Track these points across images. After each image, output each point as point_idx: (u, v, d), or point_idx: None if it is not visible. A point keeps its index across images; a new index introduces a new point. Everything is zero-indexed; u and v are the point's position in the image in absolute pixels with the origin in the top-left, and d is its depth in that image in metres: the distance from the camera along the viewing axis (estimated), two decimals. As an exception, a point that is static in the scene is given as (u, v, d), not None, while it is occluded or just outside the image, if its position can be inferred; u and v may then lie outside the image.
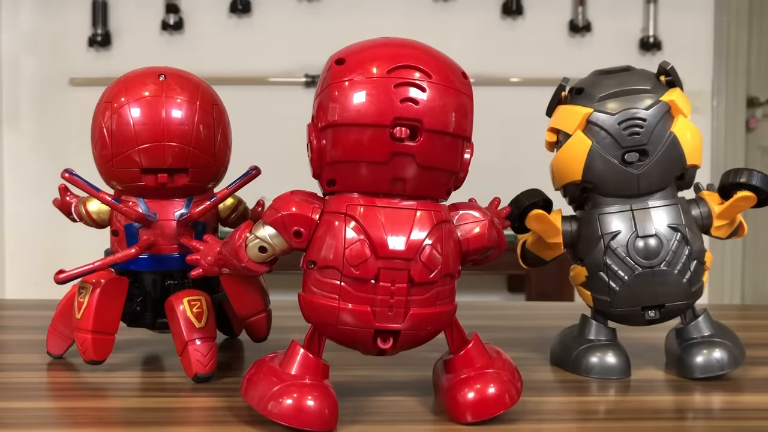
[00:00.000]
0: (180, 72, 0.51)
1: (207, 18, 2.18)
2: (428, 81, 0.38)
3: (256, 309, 0.54)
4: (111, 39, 2.18)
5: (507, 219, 0.49)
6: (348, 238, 0.38)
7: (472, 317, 0.65)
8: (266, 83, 2.17)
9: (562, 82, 0.52)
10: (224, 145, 0.52)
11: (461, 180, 0.41)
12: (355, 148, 0.38)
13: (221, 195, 0.51)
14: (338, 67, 0.38)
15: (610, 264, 0.49)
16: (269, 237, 0.41)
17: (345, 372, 0.48)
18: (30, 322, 0.66)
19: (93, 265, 0.49)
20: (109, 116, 0.49)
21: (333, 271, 0.39)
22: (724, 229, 0.51)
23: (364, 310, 0.38)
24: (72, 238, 1.35)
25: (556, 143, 0.51)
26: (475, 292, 2.14)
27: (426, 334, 0.41)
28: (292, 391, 0.38)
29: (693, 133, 0.49)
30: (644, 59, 2.17)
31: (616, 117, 0.48)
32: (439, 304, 0.40)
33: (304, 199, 0.40)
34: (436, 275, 0.39)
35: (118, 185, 0.51)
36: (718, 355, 0.49)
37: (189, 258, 0.46)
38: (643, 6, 2.21)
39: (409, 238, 0.38)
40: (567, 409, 0.45)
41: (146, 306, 0.52)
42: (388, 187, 0.39)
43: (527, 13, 2.20)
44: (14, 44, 2.23)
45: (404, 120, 0.37)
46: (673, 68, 0.49)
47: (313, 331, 0.41)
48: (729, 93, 2.27)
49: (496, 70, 2.15)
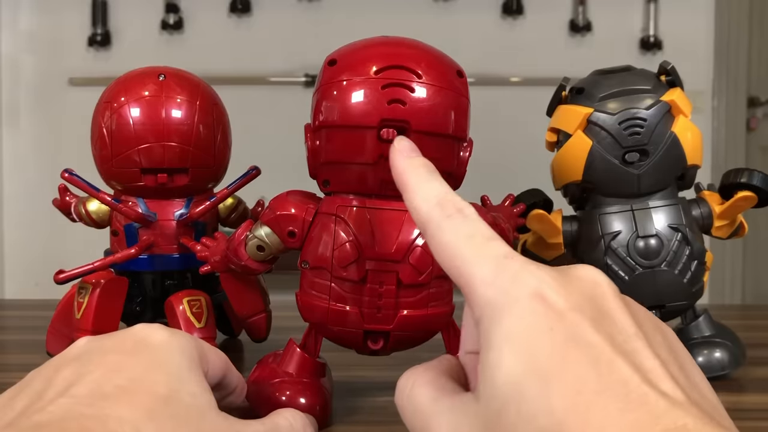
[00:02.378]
0: (180, 72, 0.51)
1: (207, 18, 2.18)
2: (417, 81, 0.37)
3: (256, 309, 0.54)
4: (111, 39, 2.18)
5: None
6: (337, 239, 0.38)
7: (472, 317, 0.65)
8: (266, 83, 2.17)
9: (563, 82, 0.52)
10: (224, 145, 0.52)
11: (459, 180, 0.41)
12: (345, 149, 0.38)
13: (221, 195, 0.51)
14: (330, 68, 0.39)
15: (611, 264, 0.49)
16: (266, 236, 0.41)
17: (344, 372, 0.48)
18: (30, 322, 0.66)
19: (93, 265, 0.48)
20: (108, 116, 0.49)
21: (323, 272, 0.39)
22: (724, 230, 0.51)
23: (352, 311, 0.39)
24: (72, 238, 1.35)
25: (557, 143, 0.51)
26: (475, 292, 2.14)
27: (420, 336, 0.40)
28: (285, 389, 0.39)
29: (693, 133, 0.48)
30: (644, 59, 2.16)
31: (617, 117, 0.48)
32: (432, 305, 0.40)
33: (300, 199, 0.40)
34: (426, 277, 0.38)
35: (118, 185, 0.51)
36: (718, 355, 0.48)
37: (199, 254, 0.47)
38: (644, 6, 2.21)
39: (397, 240, 0.38)
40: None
41: (146, 306, 0.52)
42: (379, 188, 0.38)
43: (527, 13, 2.20)
44: (14, 44, 2.23)
45: (392, 121, 0.37)
46: (673, 68, 0.49)
47: (309, 330, 0.41)
48: (729, 93, 2.27)
49: (496, 70, 2.15)
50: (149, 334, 0.30)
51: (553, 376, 0.21)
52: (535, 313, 0.22)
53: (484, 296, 0.24)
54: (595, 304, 0.24)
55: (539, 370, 0.21)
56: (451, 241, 0.25)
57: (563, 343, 0.22)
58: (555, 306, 0.23)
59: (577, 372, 0.21)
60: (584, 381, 0.21)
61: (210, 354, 0.33)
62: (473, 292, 0.24)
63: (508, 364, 0.22)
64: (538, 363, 0.21)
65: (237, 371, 0.36)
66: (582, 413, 0.20)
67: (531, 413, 0.21)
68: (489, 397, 0.22)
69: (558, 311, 0.22)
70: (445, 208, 0.26)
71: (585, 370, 0.21)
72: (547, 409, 0.21)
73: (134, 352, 0.29)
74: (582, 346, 0.22)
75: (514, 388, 0.22)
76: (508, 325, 0.23)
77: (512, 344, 0.22)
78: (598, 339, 0.22)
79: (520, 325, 0.22)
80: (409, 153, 0.29)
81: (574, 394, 0.21)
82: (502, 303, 0.23)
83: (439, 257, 0.26)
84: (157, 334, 0.30)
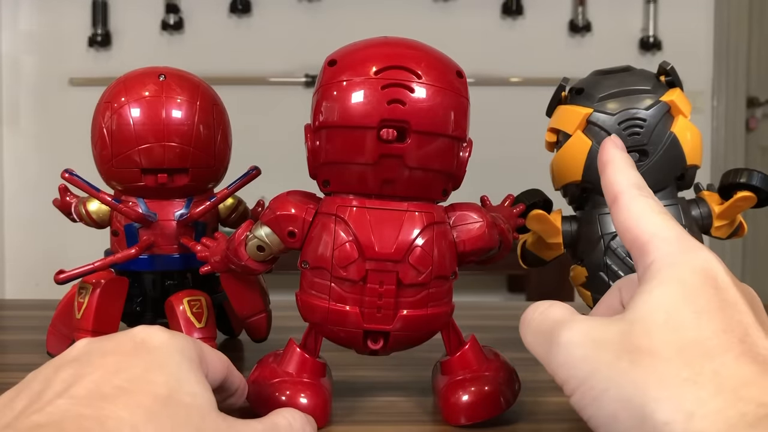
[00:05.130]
0: (180, 72, 0.51)
1: (207, 18, 2.18)
2: (417, 82, 0.37)
3: (256, 309, 0.54)
4: (111, 39, 2.18)
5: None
6: (337, 239, 0.38)
7: (471, 317, 0.65)
8: (266, 83, 2.17)
9: (562, 82, 0.52)
10: (224, 145, 0.52)
11: (459, 180, 0.41)
12: (344, 150, 0.38)
13: (221, 195, 0.51)
14: (330, 69, 0.39)
15: (611, 264, 0.49)
16: (266, 236, 0.41)
17: (344, 372, 0.48)
18: (30, 322, 0.66)
19: (93, 265, 0.49)
20: (109, 116, 0.49)
21: (323, 272, 0.39)
22: (724, 230, 0.51)
23: (352, 311, 0.39)
24: (72, 238, 1.35)
25: (556, 143, 0.51)
26: (475, 292, 2.14)
27: (419, 336, 0.41)
28: (285, 389, 0.39)
29: (693, 133, 0.49)
30: (644, 59, 2.17)
31: (616, 117, 0.48)
32: (431, 305, 0.40)
33: (300, 199, 0.41)
34: (426, 277, 0.38)
35: (118, 185, 0.51)
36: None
37: (199, 255, 0.47)
38: (643, 6, 2.22)
39: (397, 240, 0.38)
40: (566, 409, 0.44)
41: (146, 306, 0.52)
42: (379, 188, 0.39)
43: (527, 13, 2.20)
44: (14, 44, 2.23)
45: (391, 121, 0.37)
46: (673, 68, 0.49)
47: (309, 330, 0.41)
48: (729, 93, 2.27)
49: (496, 70, 2.15)
50: (149, 336, 0.30)
51: (706, 314, 0.26)
52: (705, 272, 0.28)
53: (666, 250, 0.29)
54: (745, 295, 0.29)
55: (697, 307, 0.26)
56: (642, 210, 0.31)
57: (720, 301, 0.27)
58: (721, 275, 0.28)
59: (725, 322, 0.26)
60: (731, 328, 0.26)
61: (210, 356, 0.33)
62: (655, 248, 0.29)
63: (673, 294, 0.27)
64: (698, 304, 0.27)
65: (238, 373, 0.36)
66: (726, 344, 0.25)
67: (679, 327, 0.26)
68: (641, 315, 0.27)
69: (722, 280, 0.28)
70: (641, 189, 0.32)
71: (732, 324, 0.26)
72: (697, 328, 0.26)
73: (134, 353, 0.29)
74: (730, 308, 0.27)
75: (670, 310, 0.27)
76: (681, 272, 0.28)
77: (680, 284, 0.27)
78: (745, 309, 0.27)
79: (692, 276, 0.28)
80: (621, 146, 0.35)
81: (721, 331, 0.26)
82: (679, 259, 0.28)
83: (624, 221, 0.31)
84: (157, 336, 0.30)
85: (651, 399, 0.25)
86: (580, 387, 0.27)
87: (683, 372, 0.25)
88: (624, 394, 0.26)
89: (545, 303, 0.32)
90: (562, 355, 0.29)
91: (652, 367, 0.25)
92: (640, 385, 0.25)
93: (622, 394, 0.26)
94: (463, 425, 0.39)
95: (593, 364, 0.27)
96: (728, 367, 0.25)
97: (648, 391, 0.25)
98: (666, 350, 0.25)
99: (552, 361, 0.29)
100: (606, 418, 0.26)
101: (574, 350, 0.28)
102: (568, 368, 0.28)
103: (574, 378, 0.28)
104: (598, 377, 0.27)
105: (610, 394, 0.26)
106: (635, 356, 0.26)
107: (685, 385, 0.24)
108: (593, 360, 0.27)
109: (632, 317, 0.27)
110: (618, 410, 0.26)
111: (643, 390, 0.25)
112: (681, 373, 0.25)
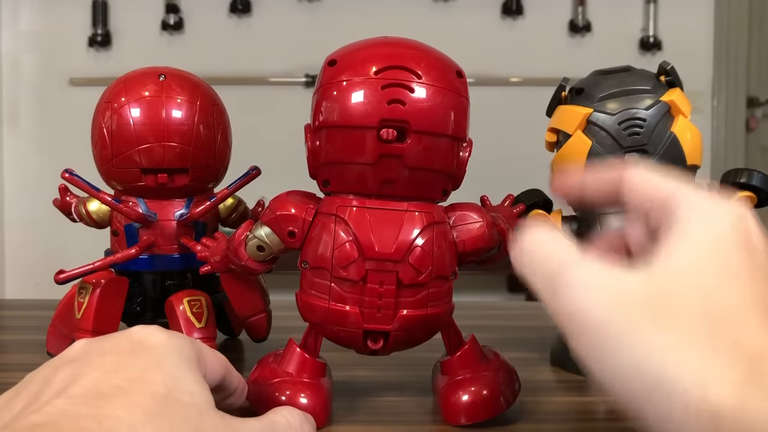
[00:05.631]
0: (180, 72, 0.51)
1: (207, 18, 2.18)
2: (416, 82, 0.37)
3: (256, 309, 0.54)
4: (111, 39, 2.18)
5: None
6: (337, 239, 0.38)
7: (471, 317, 0.65)
8: (266, 83, 2.17)
9: (562, 82, 0.52)
10: (224, 145, 0.52)
11: (459, 180, 0.41)
12: (344, 150, 0.38)
13: (221, 195, 0.51)
14: (330, 69, 0.39)
15: (610, 264, 0.49)
16: (266, 236, 0.41)
17: (344, 372, 0.48)
18: (30, 322, 0.66)
19: (93, 265, 0.49)
20: (109, 116, 0.49)
21: (323, 272, 0.39)
22: (724, 230, 0.51)
23: (352, 311, 0.39)
24: (72, 238, 1.35)
25: (556, 143, 0.51)
26: (475, 292, 2.14)
27: (419, 336, 0.41)
28: (285, 389, 0.39)
29: (693, 133, 0.49)
30: (644, 59, 2.17)
31: (616, 117, 0.48)
32: (431, 305, 0.40)
33: (300, 199, 0.41)
34: (425, 277, 0.38)
35: (118, 185, 0.51)
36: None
37: (199, 255, 0.47)
38: (643, 6, 2.22)
39: (397, 240, 0.38)
40: (567, 409, 0.44)
41: (146, 306, 0.52)
42: (379, 188, 0.39)
43: (527, 13, 2.20)
44: (14, 44, 2.23)
45: (391, 121, 0.37)
46: (673, 68, 0.49)
47: (309, 329, 0.41)
48: (729, 93, 2.27)
49: (496, 70, 2.15)
50: (147, 336, 0.30)
51: (735, 280, 0.26)
52: (738, 226, 0.27)
53: (694, 199, 0.28)
54: None
55: (728, 272, 0.26)
56: (652, 174, 0.30)
57: (752, 267, 0.26)
58: (755, 231, 0.27)
59: (754, 289, 0.26)
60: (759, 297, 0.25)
61: (208, 356, 0.33)
62: (682, 196, 0.28)
63: (704, 252, 0.26)
64: (729, 268, 0.26)
65: (237, 373, 0.36)
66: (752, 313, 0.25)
67: (707, 292, 0.25)
68: (668, 271, 0.26)
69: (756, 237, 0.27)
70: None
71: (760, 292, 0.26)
72: (725, 296, 0.25)
73: (132, 352, 0.29)
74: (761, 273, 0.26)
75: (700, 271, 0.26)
76: (713, 223, 0.27)
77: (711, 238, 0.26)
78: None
79: (724, 229, 0.27)
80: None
81: (749, 300, 0.25)
82: (711, 207, 0.27)
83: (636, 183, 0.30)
84: (155, 336, 0.30)
85: (670, 364, 0.24)
86: (589, 335, 0.26)
87: (706, 340, 0.24)
88: (640, 353, 0.24)
89: (545, 231, 0.29)
90: (571, 297, 0.26)
91: (674, 330, 0.24)
92: (659, 347, 0.24)
93: (637, 353, 0.24)
94: (463, 425, 0.39)
95: (609, 315, 0.25)
96: (750, 338, 0.24)
97: (667, 356, 0.24)
98: (691, 315, 0.25)
99: (557, 303, 0.27)
100: (614, 373, 0.25)
101: (589, 295, 0.26)
102: (577, 314, 0.26)
103: (583, 325, 0.26)
104: (613, 330, 0.25)
105: (623, 351, 0.25)
106: (658, 316, 0.25)
107: (707, 353, 0.24)
108: (610, 310, 0.25)
109: (658, 271, 0.26)
110: (629, 368, 0.25)
111: (662, 353, 0.24)
112: (703, 340, 0.24)
